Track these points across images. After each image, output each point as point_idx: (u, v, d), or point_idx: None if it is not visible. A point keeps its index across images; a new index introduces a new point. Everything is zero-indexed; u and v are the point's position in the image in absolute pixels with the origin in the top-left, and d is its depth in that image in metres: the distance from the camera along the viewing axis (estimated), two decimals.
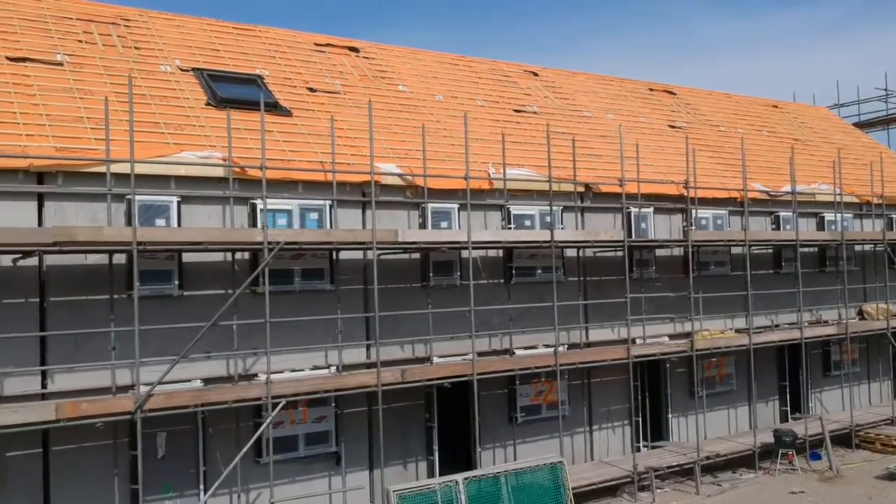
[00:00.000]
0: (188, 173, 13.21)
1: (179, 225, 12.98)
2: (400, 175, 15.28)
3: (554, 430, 17.00)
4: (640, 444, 18.44)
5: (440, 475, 15.30)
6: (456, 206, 15.86)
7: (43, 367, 11.95)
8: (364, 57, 19.53)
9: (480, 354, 16.01)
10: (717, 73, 76.18)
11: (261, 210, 13.11)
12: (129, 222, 12.58)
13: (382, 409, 13.69)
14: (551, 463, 14.00)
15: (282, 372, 13.63)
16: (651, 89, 25.28)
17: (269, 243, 12.20)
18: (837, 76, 72.70)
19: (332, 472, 14.43)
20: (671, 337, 18.42)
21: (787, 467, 18.10)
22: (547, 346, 16.90)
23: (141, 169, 12.54)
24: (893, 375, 24.22)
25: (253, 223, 13.73)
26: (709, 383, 19.28)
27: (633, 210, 18.15)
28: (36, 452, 12.03)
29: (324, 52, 18.98)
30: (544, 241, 15.21)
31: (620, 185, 17.16)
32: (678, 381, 19.02)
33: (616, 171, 17.89)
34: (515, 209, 16.68)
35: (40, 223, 12.12)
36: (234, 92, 15.46)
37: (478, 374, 14.29)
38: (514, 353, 16.40)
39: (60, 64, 14.44)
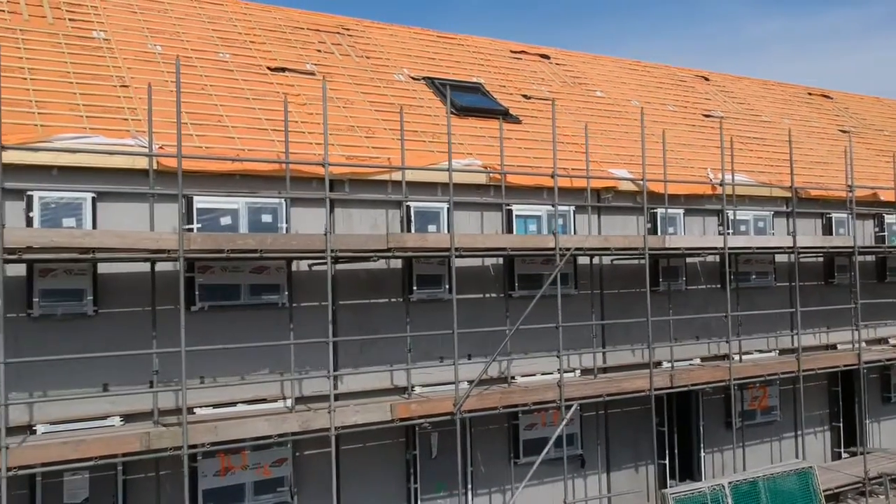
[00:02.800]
0: (454, 180, 13.51)
1: (449, 230, 13.29)
2: (632, 180, 15.44)
3: (766, 434, 17.09)
4: (840, 451, 18.38)
5: (670, 479, 15.50)
6: (682, 211, 15.99)
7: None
8: (556, 63, 19.75)
9: (703, 360, 16.18)
10: (763, 72, 75.03)
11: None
12: (406, 228, 12.96)
13: (615, 413, 13.94)
14: (801, 468, 14.06)
15: (534, 375, 13.91)
16: (810, 93, 25.13)
17: (561, 249, 12.47)
18: (883, 76, 71.09)
19: (575, 475, 14.63)
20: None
21: None
22: (760, 351, 17.00)
23: (414, 176, 12.92)
24: None
25: (509, 228, 13.99)
26: None
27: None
28: (327, 452, 12.42)
29: (520, 59, 19.24)
30: (785, 247, 15.27)
31: (825, 191, 17.18)
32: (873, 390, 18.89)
33: (808, 177, 17.90)
34: (733, 215, 16.71)
35: (332, 229, 12.51)
36: (468, 100, 15.77)
37: (735, 380, 14.39)
38: (732, 358, 16.45)
39: (312, 73, 14.86)
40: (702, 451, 16.21)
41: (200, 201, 11.30)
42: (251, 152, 11.94)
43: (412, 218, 13.03)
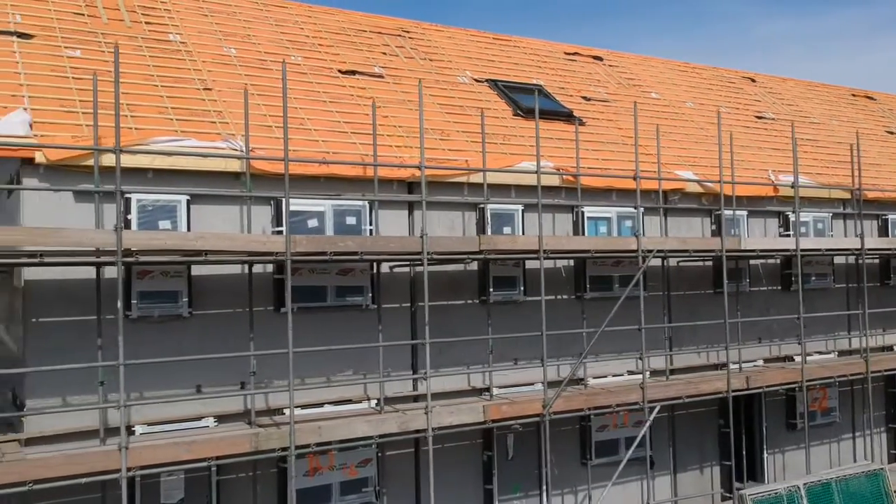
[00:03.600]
0: (527, 182, 13.56)
1: (523, 232, 13.35)
2: (699, 182, 15.45)
3: (825, 436, 17.08)
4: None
5: (734, 481, 15.51)
6: (745, 213, 16.00)
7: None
8: (609, 65, 19.77)
9: (766, 361, 16.20)
10: (773, 72, 74.81)
11: (586, 218, 13.41)
12: (481, 230, 13.02)
13: (679, 414, 13.96)
14: (873, 470, 14.06)
15: (604, 377, 13.96)
16: (854, 95, 25.08)
17: (643, 251, 12.51)
18: (892, 76, 70.81)
19: (643, 476, 14.65)
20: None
21: None
22: (819, 353, 16.99)
23: (489, 179, 12.96)
24: None
25: (581, 230, 14.03)
26: None
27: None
28: (408, 452, 12.49)
29: (574, 60, 19.27)
30: (853, 249, 15.28)
31: (882, 192, 17.17)
32: None
33: (864, 179, 17.88)
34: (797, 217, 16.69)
35: (410, 231, 12.58)
36: (532, 102, 15.77)
37: (806, 381, 14.41)
38: (793, 359, 16.46)
39: (381, 76, 14.93)
40: (765, 452, 16.21)
41: (295, 204, 11.35)
42: (336, 155, 12.00)
43: (488, 220, 13.08)
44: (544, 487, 13.38)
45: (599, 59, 19.91)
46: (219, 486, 10.72)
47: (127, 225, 10.26)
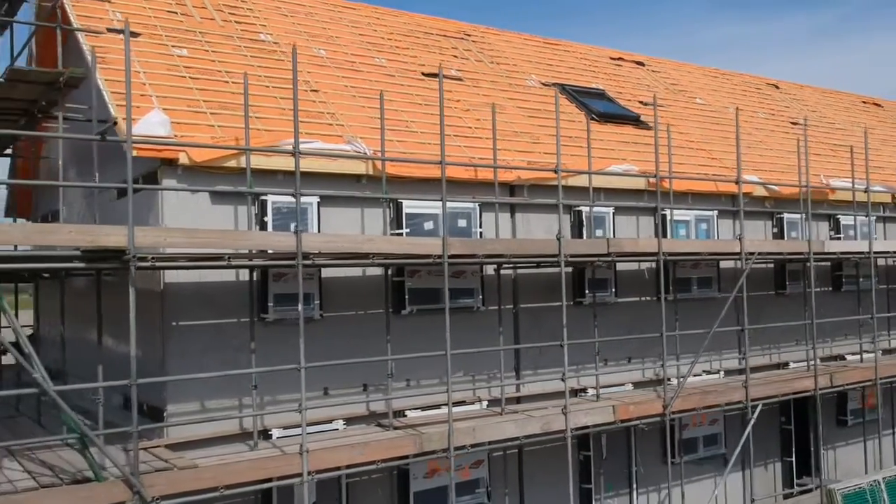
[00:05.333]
0: (615, 185, 13.76)
1: (615, 234, 13.56)
2: (764, 185, 15.86)
3: (870, 432, 17.62)
4: None
5: (796, 477, 15.96)
6: (801, 215, 16.46)
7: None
8: (652, 70, 20.13)
9: (822, 360, 16.70)
10: None
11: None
12: (578, 234, 13.20)
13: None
14: None
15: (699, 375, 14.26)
16: (864, 101, 25.92)
17: (749, 254, 12.83)
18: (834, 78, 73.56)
19: (717, 474, 14.98)
20: None
21: None
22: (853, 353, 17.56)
23: (579, 182, 13.15)
24: None
25: (664, 232, 14.29)
26: None
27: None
28: (512, 454, 12.59)
29: (620, 65, 19.58)
30: None
31: None
32: None
33: None
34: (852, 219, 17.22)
35: (514, 233, 12.68)
36: (603, 106, 16.05)
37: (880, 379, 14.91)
38: (844, 358, 16.99)
39: (460, 79, 15.00)
40: (821, 448, 16.69)
41: (409, 206, 11.40)
42: (447, 157, 12.04)
43: (583, 222, 13.27)
44: (632, 486, 13.64)
45: (642, 64, 20.25)
46: (348, 490, 10.71)
47: (263, 226, 10.21)
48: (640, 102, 17.64)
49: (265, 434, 10.11)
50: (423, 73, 14.54)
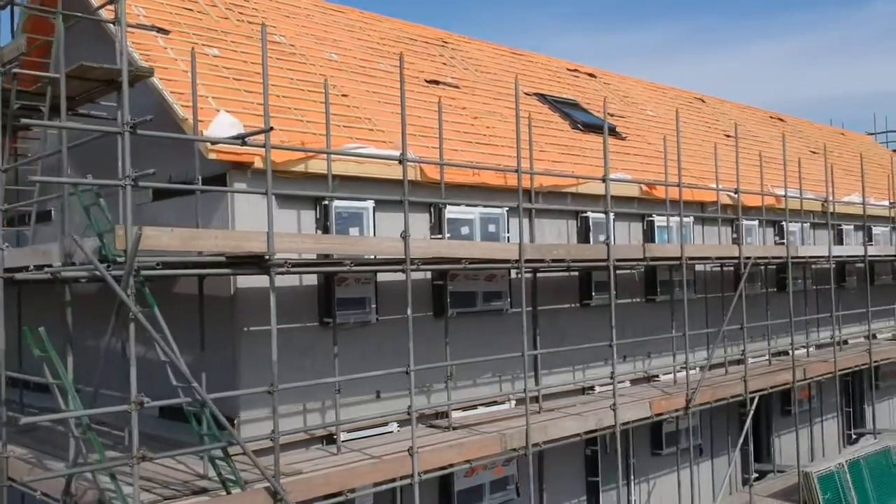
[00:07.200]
0: (616, 193, 14.46)
1: (614, 240, 14.27)
2: (767, 196, 17.05)
3: (804, 421, 19.31)
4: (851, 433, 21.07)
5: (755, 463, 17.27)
6: (756, 221, 17.85)
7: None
8: (604, 82, 21.12)
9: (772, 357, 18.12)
10: None
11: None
12: (585, 239, 13.85)
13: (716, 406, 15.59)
14: (884, 447, 16.32)
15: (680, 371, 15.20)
16: (771, 117, 28.06)
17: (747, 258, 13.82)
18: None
19: (689, 463, 15.99)
20: None
21: None
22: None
23: (589, 189, 13.82)
24: None
25: (650, 238, 15.17)
26: None
27: None
28: (534, 450, 13.02)
29: (578, 77, 20.44)
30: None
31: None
32: None
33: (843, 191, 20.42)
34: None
35: (532, 238, 13.14)
36: (582, 117, 16.78)
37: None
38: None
39: (457, 86, 15.31)
40: (772, 436, 18.17)
41: (451, 212, 11.65)
42: (481, 162, 12.39)
43: (591, 228, 13.93)
44: (630, 478, 14.43)
45: (594, 76, 21.21)
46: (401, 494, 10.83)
47: (326, 231, 10.21)
48: (609, 114, 18.50)
49: (332, 439, 10.11)
50: (426, 81, 14.77)
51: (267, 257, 7.51)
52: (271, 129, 7.92)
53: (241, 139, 8.00)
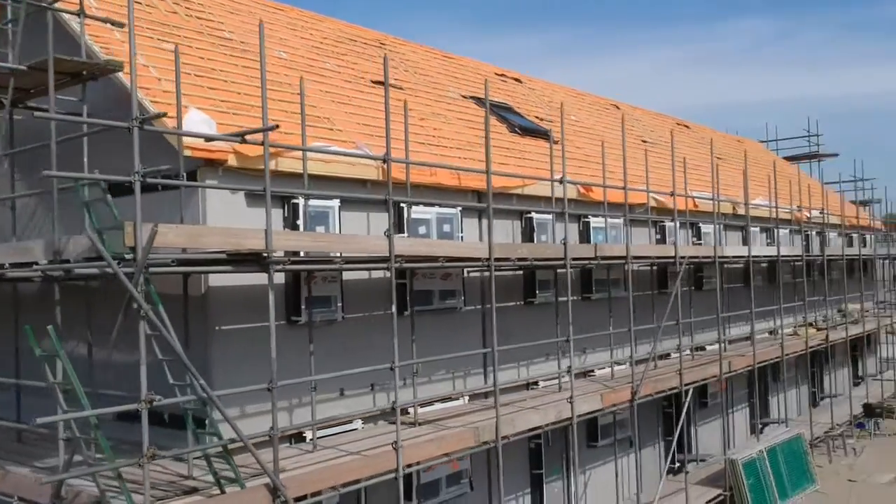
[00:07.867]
0: (557, 195, 14.97)
1: (554, 241, 14.77)
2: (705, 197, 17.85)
3: (718, 412, 20.40)
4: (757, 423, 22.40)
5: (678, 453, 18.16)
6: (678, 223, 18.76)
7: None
8: (530, 88, 21.68)
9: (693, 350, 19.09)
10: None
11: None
12: (529, 238, 14.27)
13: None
14: (794, 435, 17.44)
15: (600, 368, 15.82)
16: (678, 123, 29.41)
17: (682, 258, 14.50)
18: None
19: (621, 454, 16.66)
20: None
21: None
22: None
23: (533, 191, 14.27)
24: None
25: (586, 238, 15.74)
26: None
27: None
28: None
29: (506, 81, 20.93)
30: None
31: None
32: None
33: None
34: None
35: (479, 237, 13.44)
36: (519, 121, 17.25)
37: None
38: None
39: (401, 88, 15.46)
40: (692, 427, 19.12)
41: (414, 211, 11.81)
42: (443, 164, 12.59)
43: (535, 228, 14.36)
44: (574, 468, 14.93)
45: (520, 81, 21.76)
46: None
47: (294, 228, 10.20)
48: (537, 118, 19.08)
49: (298, 437, 10.11)
50: (372, 81, 14.87)
51: (265, 255, 7.50)
52: (276, 126, 7.92)
53: (240, 136, 7.94)
